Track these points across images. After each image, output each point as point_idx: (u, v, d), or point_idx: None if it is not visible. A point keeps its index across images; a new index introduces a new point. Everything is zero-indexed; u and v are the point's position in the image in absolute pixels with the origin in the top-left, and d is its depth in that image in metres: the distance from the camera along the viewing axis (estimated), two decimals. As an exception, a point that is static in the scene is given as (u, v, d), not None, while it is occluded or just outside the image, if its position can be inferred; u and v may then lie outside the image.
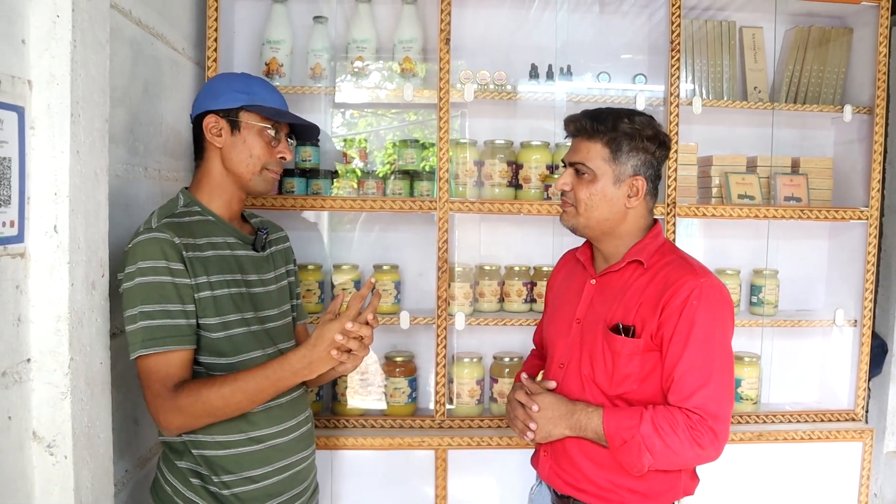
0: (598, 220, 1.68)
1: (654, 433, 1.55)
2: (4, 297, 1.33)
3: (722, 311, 1.60)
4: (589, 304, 1.74)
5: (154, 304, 1.54)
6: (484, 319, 2.55)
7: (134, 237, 1.58)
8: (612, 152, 1.65)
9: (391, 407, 2.56)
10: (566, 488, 1.72)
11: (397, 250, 2.75)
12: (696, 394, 1.56)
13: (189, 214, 1.67)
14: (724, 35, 2.75)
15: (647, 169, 1.67)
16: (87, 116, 1.48)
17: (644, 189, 1.67)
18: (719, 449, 1.57)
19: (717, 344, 1.58)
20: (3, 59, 1.31)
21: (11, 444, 1.37)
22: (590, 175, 1.67)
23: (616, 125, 1.65)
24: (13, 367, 1.37)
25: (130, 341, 1.54)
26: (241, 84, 1.70)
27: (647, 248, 1.68)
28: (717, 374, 1.56)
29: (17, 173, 1.36)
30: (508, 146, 2.62)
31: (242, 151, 1.69)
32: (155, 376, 1.54)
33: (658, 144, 1.67)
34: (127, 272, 1.55)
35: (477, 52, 2.71)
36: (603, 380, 1.66)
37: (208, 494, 1.63)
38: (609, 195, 1.66)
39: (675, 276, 1.61)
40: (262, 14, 2.63)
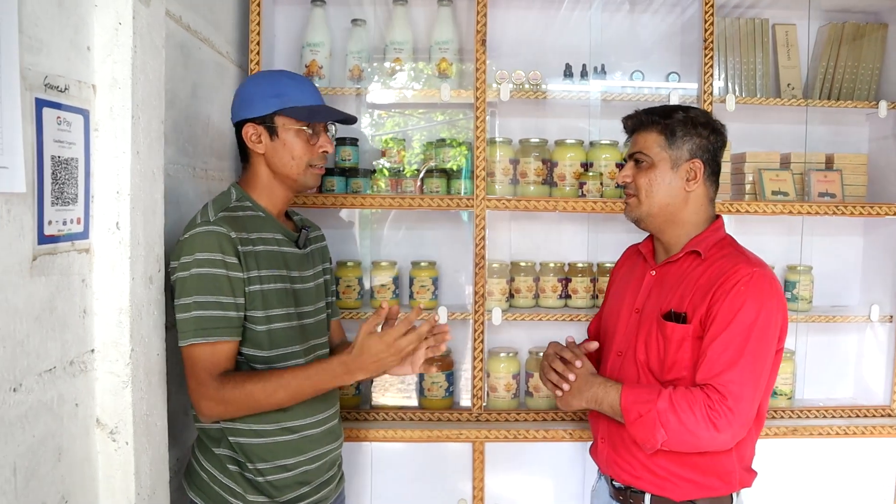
0: (659, 206, 1.75)
1: (669, 409, 1.59)
2: (72, 290, 1.41)
3: (769, 301, 1.63)
4: (648, 295, 1.80)
5: (208, 294, 1.61)
6: (520, 315, 2.60)
7: (190, 228, 1.65)
8: (667, 139, 1.74)
9: (428, 400, 2.61)
10: (623, 476, 1.76)
11: (434, 247, 2.81)
12: (722, 373, 1.59)
13: (242, 209, 1.73)
14: (757, 32, 2.76)
15: (704, 153, 1.74)
16: (146, 118, 1.56)
17: (702, 172, 1.74)
18: (735, 433, 1.59)
19: (757, 332, 1.60)
20: (71, 66, 1.39)
21: (78, 429, 1.44)
22: (648, 162, 1.75)
23: (669, 114, 1.75)
24: (79, 357, 1.44)
25: (181, 329, 1.61)
26: (271, 87, 1.73)
27: (706, 240, 1.74)
28: (748, 358, 1.59)
29: (82, 173, 1.43)
30: (543, 144, 2.66)
31: (284, 154, 1.74)
32: (201, 364, 1.61)
33: (712, 130, 1.75)
34: (182, 262, 1.62)
35: (510, 53, 2.75)
36: (656, 366, 1.71)
37: (244, 480, 1.70)
38: (668, 179, 1.75)
39: (728, 265, 1.66)
40: (301, 18, 2.70)
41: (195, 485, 1.75)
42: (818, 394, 2.87)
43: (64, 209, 1.37)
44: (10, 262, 1.21)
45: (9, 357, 1.20)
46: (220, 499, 1.70)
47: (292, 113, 1.72)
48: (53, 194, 1.33)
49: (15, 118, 1.19)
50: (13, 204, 1.21)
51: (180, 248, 1.64)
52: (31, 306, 1.27)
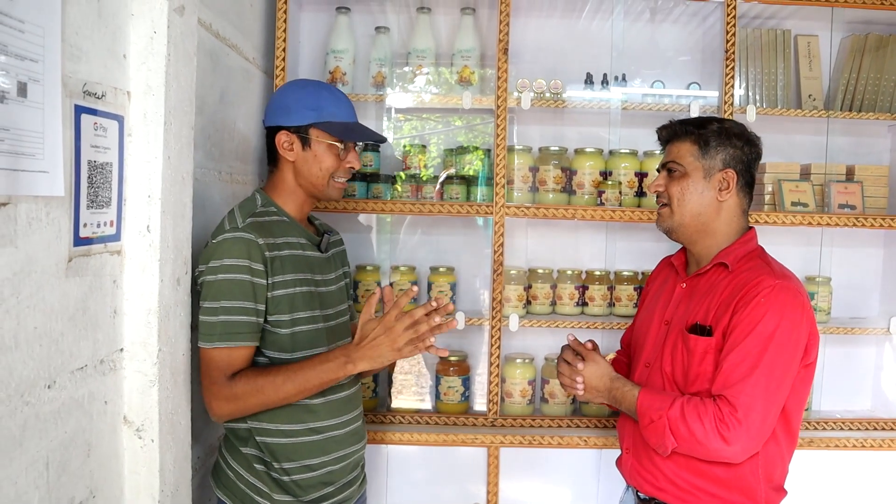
0: (691, 216, 1.76)
1: (680, 418, 1.61)
2: (104, 290, 1.45)
3: (791, 314, 1.61)
4: (677, 307, 1.81)
5: (234, 300, 1.65)
6: (536, 321, 2.62)
7: (218, 233, 1.69)
8: (700, 148, 1.76)
9: (444, 405, 2.64)
10: (647, 487, 1.77)
11: (452, 253, 2.83)
12: (735, 384, 1.59)
13: (267, 214, 1.77)
14: (779, 43, 2.77)
15: (737, 163, 1.75)
16: (178, 124, 1.60)
17: (735, 182, 1.74)
18: (746, 446, 1.58)
19: (776, 345, 1.59)
20: (107, 73, 1.43)
21: (107, 426, 1.48)
22: (681, 172, 1.77)
23: (704, 125, 1.78)
24: (109, 356, 1.48)
25: (206, 331, 1.66)
26: (311, 99, 1.78)
27: (734, 251, 1.74)
28: (763, 370, 1.58)
29: (116, 177, 1.47)
30: (562, 152, 2.68)
31: (313, 165, 1.79)
32: (217, 365, 1.66)
33: (746, 142, 1.76)
34: (211, 266, 1.66)
35: (531, 60, 2.78)
36: (680, 378, 1.72)
37: (270, 480, 1.74)
38: (700, 189, 1.75)
39: (752, 276, 1.67)
40: (326, 25, 2.74)
41: (222, 483, 1.79)
42: (836, 406, 2.86)
43: (98, 212, 1.41)
44: (47, 262, 1.25)
45: (44, 355, 1.24)
46: (247, 497, 1.74)
47: (327, 128, 1.77)
48: (89, 198, 1.37)
49: (56, 125, 1.23)
50: (52, 207, 1.25)
51: (209, 253, 1.68)
52: (66, 306, 1.31)
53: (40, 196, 1.21)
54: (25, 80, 1.15)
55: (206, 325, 1.66)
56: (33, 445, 1.22)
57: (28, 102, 1.16)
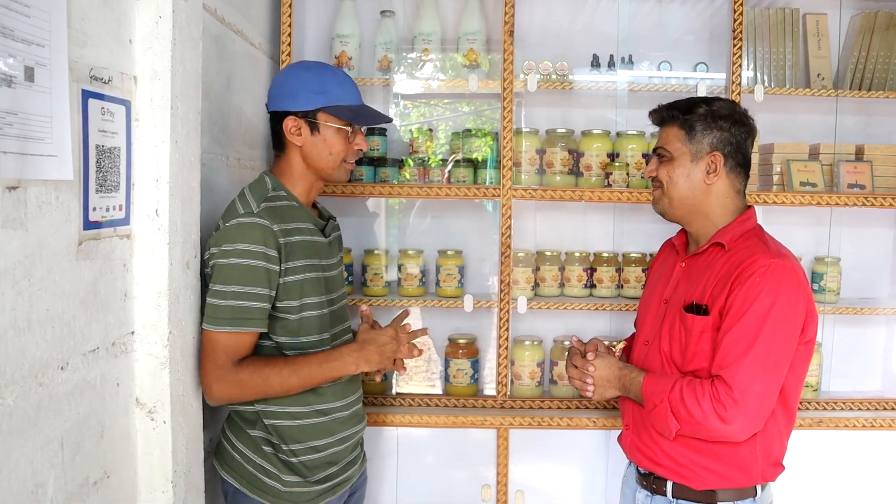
0: (680, 199, 1.77)
1: (679, 401, 1.63)
2: (114, 274, 1.47)
3: (787, 293, 1.62)
4: (676, 286, 1.82)
5: (246, 285, 1.66)
6: (545, 303, 2.63)
7: (231, 216, 1.68)
8: (686, 133, 1.76)
9: (453, 387, 2.65)
10: (646, 462, 1.79)
11: (460, 236, 2.84)
12: (731, 364, 1.60)
13: (279, 199, 1.76)
14: (787, 22, 2.75)
15: (725, 146, 1.74)
16: (184, 109, 1.61)
17: (722, 164, 1.74)
18: (745, 425, 1.60)
19: (771, 323, 1.60)
20: (114, 58, 1.44)
21: (119, 408, 1.51)
22: (669, 156, 1.78)
23: (690, 108, 1.76)
24: (121, 339, 1.50)
25: (214, 314, 1.66)
26: (317, 83, 1.75)
27: (731, 231, 1.75)
28: (758, 349, 1.59)
29: (124, 161, 1.49)
30: (569, 135, 2.67)
31: (322, 150, 1.78)
32: (223, 349, 1.66)
33: (734, 122, 1.75)
34: (224, 249, 1.66)
35: (538, 42, 2.77)
36: (678, 357, 1.73)
37: (279, 461, 1.76)
38: (688, 172, 1.76)
39: (748, 255, 1.67)
40: (331, 9, 2.74)
41: (227, 465, 1.80)
42: (845, 386, 2.86)
43: (107, 196, 1.42)
44: (58, 246, 1.26)
45: (57, 337, 1.26)
46: (255, 479, 1.76)
47: (336, 111, 1.76)
48: (97, 182, 1.39)
49: (64, 109, 1.24)
50: (61, 191, 1.26)
51: (223, 236, 1.68)
52: (77, 289, 1.33)
53: (49, 180, 1.23)
54: (32, 65, 1.16)
55: (214, 308, 1.66)
56: (48, 426, 1.24)
57: (35, 87, 1.17)
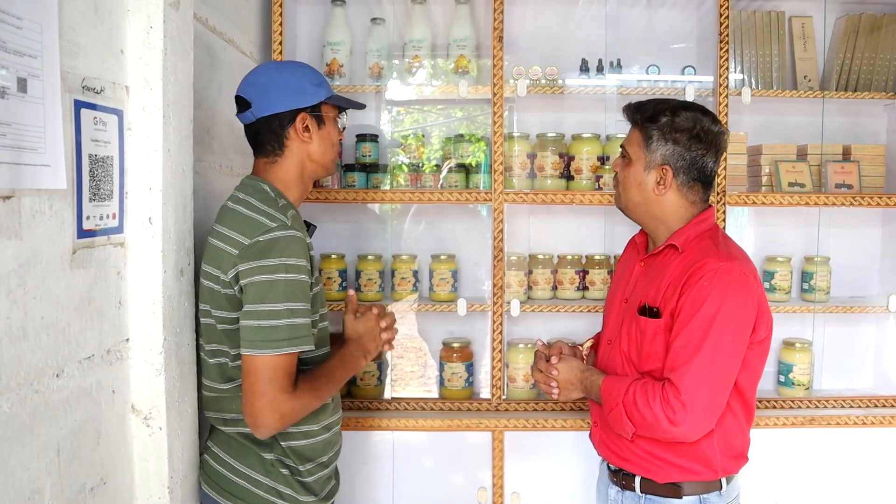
0: (633, 203, 1.80)
1: (632, 404, 1.66)
2: (108, 281, 1.48)
3: (735, 296, 1.63)
4: (634, 286, 1.84)
5: (298, 302, 1.57)
6: (538, 307, 2.64)
7: (261, 230, 1.56)
8: (644, 139, 1.76)
9: (448, 391, 2.67)
10: (614, 458, 1.82)
11: (453, 241, 2.86)
12: (678, 367, 1.62)
13: (289, 207, 1.68)
14: (773, 25, 2.78)
15: (678, 160, 1.72)
16: (176, 117, 1.63)
17: (670, 180, 1.73)
18: (695, 426, 1.61)
19: (718, 327, 1.61)
20: (105, 68, 1.46)
21: (115, 415, 1.52)
22: (628, 159, 1.79)
23: (654, 115, 1.75)
24: (116, 346, 1.51)
25: (271, 336, 1.52)
26: (314, 76, 1.72)
27: (686, 233, 1.75)
28: (705, 352, 1.60)
29: (117, 170, 1.50)
30: (560, 139, 2.70)
31: (326, 142, 1.75)
32: (284, 372, 1.54)
33: (692, 137, 1.71)
34: (266, 265, 1.54)
35: (527, 48, 2.79)
36: (635, 357, 1.76)
37: (296, 483, 1.68)
38: (639, 180, 1.76)
39: (698, 258, 1.68)
40: (322, 17, 2.76)
41: (229, 492, 1.67)
42: (836, 384, 2.88)
43: (100, 205, 1.44)
44: (52, 254, 1.28)
45: (52, 344, 1.28)
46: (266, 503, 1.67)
47: (334, 100, 1.75)
48: (91, 191, 1.40)
49: (56, 119, 1.26)
50: (55, 200, 1.28)
51: (262, 250, 1.55)
52: (72, 297, 1.34)
53: (43, 189, 1.24)
54: (25, 76, 1.18)
55: (272, 330, 1.53)
56: (44, 432, 1.25)
57: (28, 98, 1.19)
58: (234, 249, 1.57)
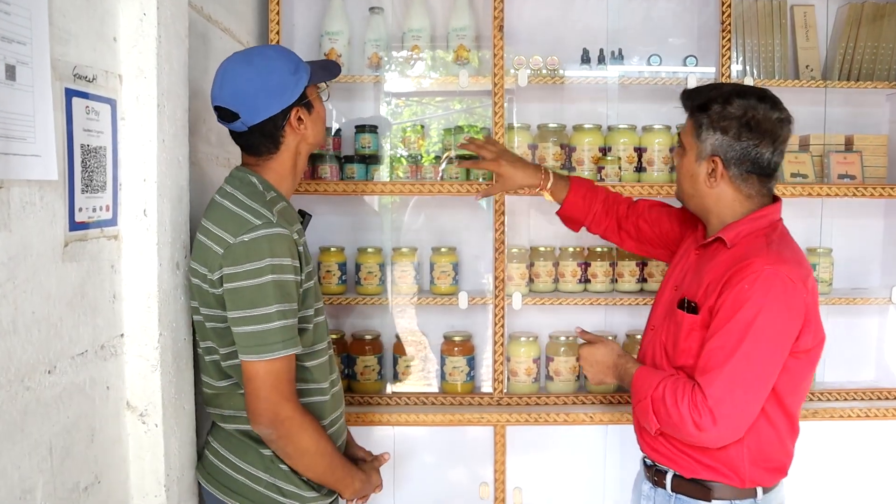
0: (687, 194, 1.75)
1: (660, 400, 1.61)
2: (102, 275, 1.45)
3: (777, 302, 1.54)
4: (685, 274, 1.78)
5: (286, 303, 1.53)
6: (540, 299, 2.61)
7: (247, 229, 1.51)
8: (695, 128, 1.69)
9: (449, 385, 2.64)
10: (647, 448, 1.79)
11: (454, 233, 2.82)
12: (710, 371, 1.55)
13: (278, 200, 1.64)
14: (775, 14, 2.74)
15: (727, 151, 1.64)
16: (171, 107, 1.59)
17: (721, 171, 1.66)
18: (721, 434, 1.55)
19: (755, 334, 1.53)
20: (98, 56, 1.42)
21: (109, 412, 1.49)
22: (682, 148, 1.74)
23: (706, 103, 1.67)
24: (110, 341, 1.48)
25: (265, 341, 1.49)
26: (289, 63, 1.63)
27: (738, 228, 1.66)
28: (739, 360, 1.53)
29: (110, 161, 1.47)
30: (561, 129, 2.66)
31: (318, 123, 1.71)
32: (286, 377, 1.53)
33: (742, 127, 1.62)
34: (251, 268, 1.49)
35: (528, 38, 2.75)
36: (670, 349, 1.72)
37: (298, 479, 1.65)
38: (692, 171, 1.71)
39: (745, 256, 1.59)
40: (320, 7, 2.72)
41: (230, 489, 1.65)
42: (839, 377, 2.85)
43: (93, 196, 1.40)
44: (43, 247, 1.24)
45: (43, 340, 1.24)
46: (268, 499, 1.65)
47: (315, 79, 1.69)
48: (83, 182, 1.37)
49: (46, 108, 1.22)
50: (45, 191, 1.24)
51: (244, 252, 1.50)
52: (64, 291, 1.31)
53: (33, 180, 1.21)
54: (14, 63, 1.14)
55: (262, 334, 1.50)
56: (35, 430, 1.22)
57: (17, 85, 1.15)
58: (220, 248, 1.53)
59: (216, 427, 1.72)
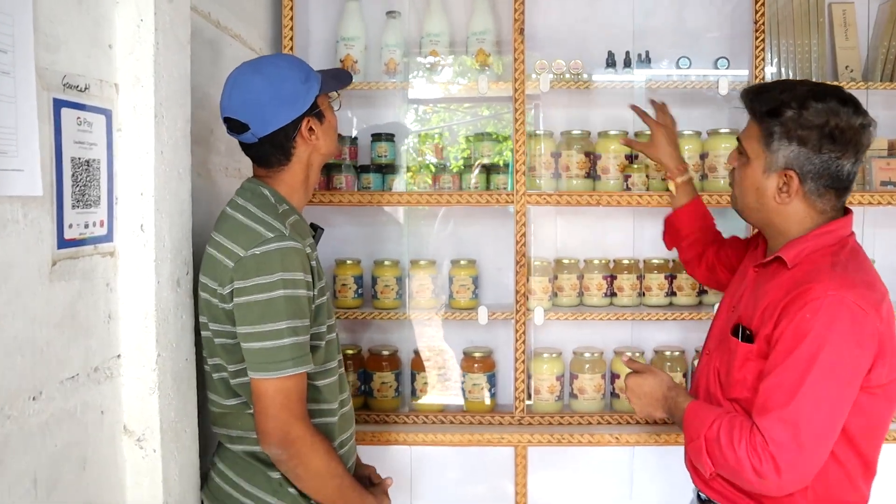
0: (749, 209, 1.56)
1: (715, 441, 1.43)
2: (95, 294, 1.38)
3: (842, 334, 1.35)
4: (742, 294, 1.60)
5: (298, 319, 1.48)
6: (563, 314, 2.49)
7: (256, 242, 1.47)
8: (763, 135, 1.48)
9: (469, 403, 2.54)
10: (699, 483, 1.63)
11: (474, 245, 2.72)
12: (770, 413, 1.37)
13: (290, 213, 1.60)
14: (812, 12, 2.61)
15: (805, 164, 1.44)
16: (171, 117, 1.52)
17: (796, 187, 1.46)
18: (784, 484, 1.36)
19: (821, 370, 1.34)
20: (91, 64, 1.35)
21: (104, 437, 1.41)
22: (744, 157, 1.54)
23: (777, 108, 1.46)
24: (105, 363, 1.41)
25: (275, 358, 1.45)
26: (299, 72, 1.59)
27: (800, 245, 1.47)
28: (802, 400, 1.34)
29: (105, 174, 1.40)
30: (585, 136, 2.55)
31: (330, 132, 1.67)
32: (296, 396, 1.48)
33: (823, 137, 1.42)
34: (262, 282, 1.45)
35: (551, 42, 2.64)
36: (723, 379, 1.55)
37: (305, 502, 1.59)
38: (758, 184, 1.50)
39: (807, 280, 1.40)
40: (336, 12, 2.65)
41: None
42: None
43: (86, 212, 1.33)
44: (27, 267, 1.17)
45: (27, 365, 1.17)
46: None
47: (326, 88, 1.64)
48: (74, 197, 1.30)
49: (31, 119, 1.15)
50: (30, 208, 1.17)
51: (255, 266, 1.46)
52: (51, 313, 1.24)
53: (16, 196, 1.14)
54: (-8, 72, 1.07)
55: (273, 351, 1.45)
56: (16, 462, 1.14)
57: (-4, 95, 1.08)
58: (230, 262, 1.49)
59: (222, 448, 1.65)
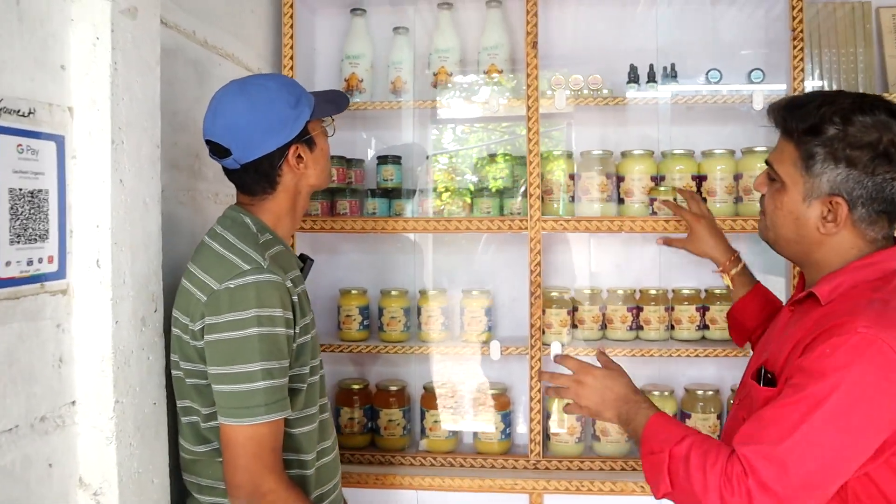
0: (785, 241, 1.37)
1: (682, 459, 1.21)
2: (43, 337, 1.26)
3: (868, 378, 1.15)
4: (772, 337, 1.41)
5: (274, 360, 1.37)
6: (583, 349, 2.29)
7: (231, 275, 1.37)
8: (802, 158, 1.29)
9: (482, 443, 2.36)
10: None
11: (489, 273, 2.56)
12: (758, 445, 1.16)
13: (273, 244, 1.49)
14: (857, 19, 2.40)
15: (855, 189, 1.25)
16: (133, 142, 1.40)
17: (844, 215, 1.27)
18: None
19: (831, 413, 1.14)
20: (37, 87, 1.24)
21: (54, 492, 1.29)
22: (778, 182, 1.34)
23: (818, 124, 1.27)
24: (54, 411, 1.29)
25: (246, 403, 1.34)
26: (289, 95, 1.48)
27: (837, 279, 1.29)
28: (800, 441, 1.13)
29: (55, 206, 1.28)
30: (608, 157, 2.37)
31: (321, 160, 1.56)
32: (269, 445, 1.36)
33: (879, 157, 1.23)
34: (239, 318, 1.35)
35: (567, 57, 2.47)
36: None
37: None
38: (797, 213, 1.31)
39: (837, 315, 1.22)
40: (342, 30, 2.53)
41: None
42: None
43: (28, 247, 1.22)
44: (-54, 311, 1.05)
45: (-55, 421, 1.05)
46: None
47: (318, 114, 1.53)
48: (13, 231, 1.18)
49: (-50, 147, 1.04)
50: (-50, 245, 1.06)
51: (228, 300, 1.36)
52: (-20, 360, 1.12)
53: (-71, 233, 1.02)
54: None
55: (243, 396, 1.34)
56: (-76, 533, 1.02)
57: None
58: (203, 295, 1.39)
59: (191, 498, 1.53)
